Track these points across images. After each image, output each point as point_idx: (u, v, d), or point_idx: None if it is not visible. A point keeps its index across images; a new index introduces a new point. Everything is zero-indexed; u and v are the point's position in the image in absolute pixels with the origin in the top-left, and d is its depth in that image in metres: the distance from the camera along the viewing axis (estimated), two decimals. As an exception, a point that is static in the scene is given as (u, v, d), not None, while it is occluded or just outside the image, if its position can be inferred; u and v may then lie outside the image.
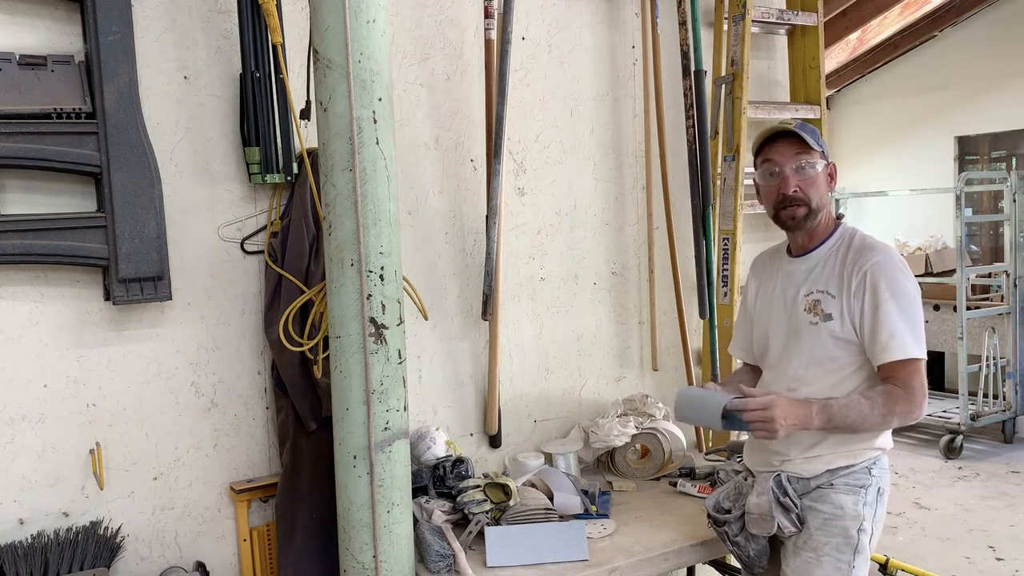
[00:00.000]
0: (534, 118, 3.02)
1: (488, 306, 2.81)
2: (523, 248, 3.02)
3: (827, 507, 2.09)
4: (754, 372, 2.39)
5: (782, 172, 2.12)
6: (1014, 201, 5.76)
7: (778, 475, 2.12)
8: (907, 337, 2.00)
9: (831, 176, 2.17)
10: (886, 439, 2.14)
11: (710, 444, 3.27)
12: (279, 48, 2.40)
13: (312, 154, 2.42)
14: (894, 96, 7.23)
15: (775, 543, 2.19)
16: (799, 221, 2.13)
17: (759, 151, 2.19)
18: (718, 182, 3.24)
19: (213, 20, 2.45)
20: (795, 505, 2.10)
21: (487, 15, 2.78)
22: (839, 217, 2.23)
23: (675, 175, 3.22)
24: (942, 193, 6.09)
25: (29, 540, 2.22)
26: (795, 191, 2.10)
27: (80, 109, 2.18)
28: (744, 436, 2.78)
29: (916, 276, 2.10)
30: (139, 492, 2.41)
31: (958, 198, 5.53)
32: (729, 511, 2.20)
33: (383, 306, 2.07)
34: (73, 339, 2.31)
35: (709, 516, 2.25)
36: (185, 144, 2.43)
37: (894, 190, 6.44)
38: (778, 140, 2.14)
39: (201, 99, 2.45)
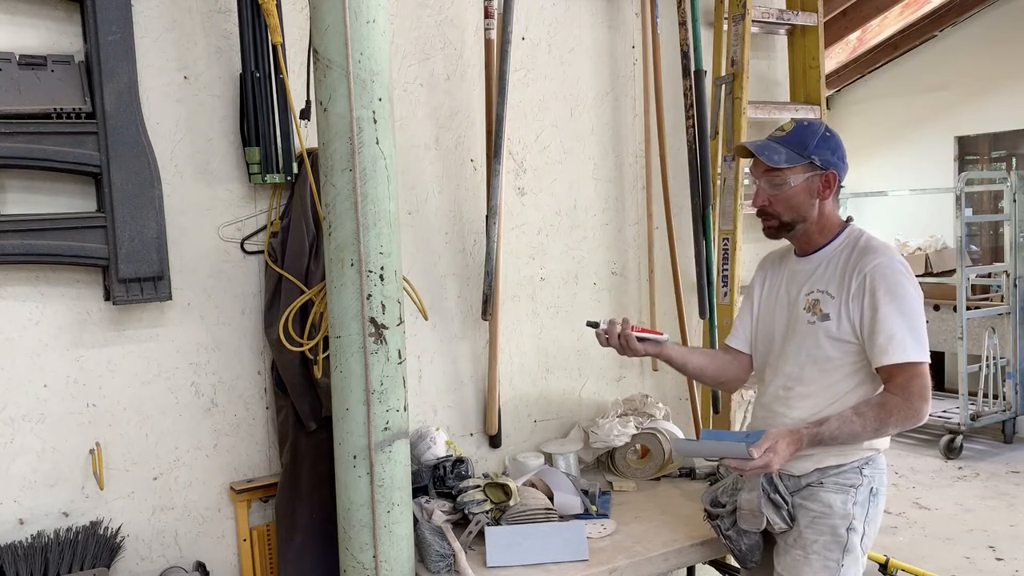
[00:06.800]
0: (534, 118, 3.02)
1: (488, 306, 2.81)
2: (523, 248, 3.02)
3: (816, 505, 2.10)
4: (714, 359, 2.38)
5: (756, 184, 2.15)
6: (1014, 201, 5.76)
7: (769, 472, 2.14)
8: (906, 340, 1.99)
9: (826, 184, 2.13)
10: (880, 440, 2.13)
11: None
12: (279, 48, 2.40)
13: (312, 154, 2.42)
14: (894, 96, 7.22)
15: (771, 539, 2.21)
16: (772, 232, 2.18)
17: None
18: (718, 182, 3.24)
19: (213, 20, 2.45)
20: (785, 502, 2.11)
21: (487, 15, 2.78)
22: (848, 219, 2.22)
23: (675, 175, 3.22)
24: (942, 193, 6.09)
25: (29, 540, 2.21)
26: (763, 205, 2.14)
27: (80, 109, 2.18)
28: None
29: (916, 276, 2.10)
30: (139, 492, 2.41)
31: (958, 198, 5.53)
32: (724, 505, 2.23)
33: (383, 306, 2.07)
34: (73, 339, 2.31)
35: (705, 510, 2.29)
36: (185, 144, 2.43)
37: (894, 190, 6.44)
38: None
39: (201, 99, 2.45)
